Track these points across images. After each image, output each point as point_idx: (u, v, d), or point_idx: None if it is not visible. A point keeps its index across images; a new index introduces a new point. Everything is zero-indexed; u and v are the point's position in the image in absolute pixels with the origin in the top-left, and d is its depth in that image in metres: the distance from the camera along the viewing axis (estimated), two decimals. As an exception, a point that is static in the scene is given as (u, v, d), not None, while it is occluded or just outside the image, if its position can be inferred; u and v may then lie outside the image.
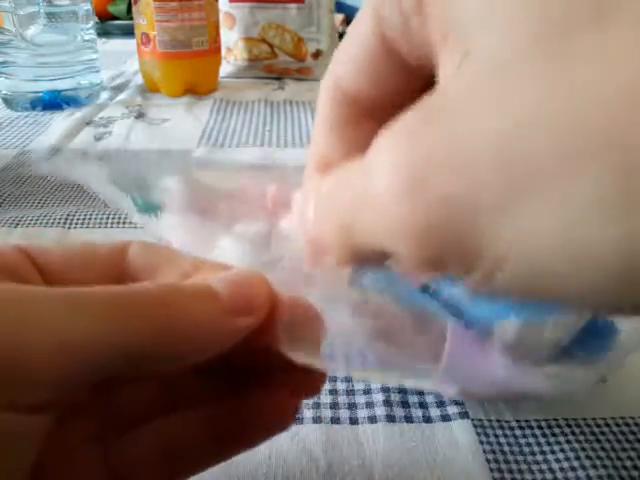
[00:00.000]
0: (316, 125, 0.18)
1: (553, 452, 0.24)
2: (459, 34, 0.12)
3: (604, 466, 0.23)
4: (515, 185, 0.10)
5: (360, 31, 0.15)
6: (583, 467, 0.23)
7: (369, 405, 0.26)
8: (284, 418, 0.18)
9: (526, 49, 0.10)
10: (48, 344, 0.12)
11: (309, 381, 0.19)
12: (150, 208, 0.18)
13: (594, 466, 0.23)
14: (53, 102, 0.67)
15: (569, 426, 0.25)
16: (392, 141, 0.12)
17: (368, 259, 0.14)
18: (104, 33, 1.07)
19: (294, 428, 0.25)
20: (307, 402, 0.27)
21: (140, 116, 0.67)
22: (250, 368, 0.18)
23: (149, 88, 0.76)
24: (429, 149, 0.11)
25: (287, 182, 0.21)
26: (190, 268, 0.17)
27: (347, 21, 1.09)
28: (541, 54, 0.10)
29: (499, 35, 0.10)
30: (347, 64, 0.16)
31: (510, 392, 0.25)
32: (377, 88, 0.16)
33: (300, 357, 0.16)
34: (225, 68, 0.84)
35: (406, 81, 0.15)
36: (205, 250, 0.18)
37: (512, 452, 0.24)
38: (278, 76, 0.85)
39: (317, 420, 0.26)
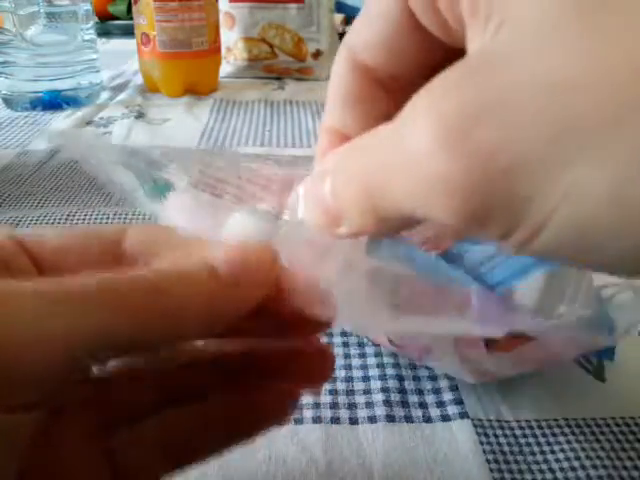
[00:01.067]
0: (329, 99, 0.17)
1: (553, 452, 0.24)
2: (493, 5, 0.11)
3: (604, 466, 0.23)
4: (566, 137, 0.10)
5: (382, 2, 0.15)
6: (583, 467, 0.23)
7: (369, 405, 0.26)
8: (282, 412, 0.18)
9: (562, 16, 0.10)
10: (29, 338, 0.12)
11: (318, 366, 0.18)
12: (157, 194, 0.18)
13: (594, 466, 0.23)
14: (53, 102, 0.67)
15: (569, 426, 0.25)
16: (431, 95, 0.11)
17: (393, 226, 0.14)
18: (104, 33, 1.07)
19: (294, 428, 0.25)
20: (307, 402, 0.27)
21: (140, 116, 0.67)
22: (252, 360, 0.18)
23: (149, 88, 0.76)
24: (473, 101, 0.11)
25: (296, 169, 0.21)
26: (191, 247, 0.17)
27: (347, 21, 1.09)
28: (577, 20, 0.10)
29: (536, 4, 0.10)
30: (366, 36, 0.16)
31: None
32: (397, 61, 0.15)
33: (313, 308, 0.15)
34: (225, 68, 0.84)
35: (427, 55, 0.15)
36: (214, 227, 0.17)
37: (512, 452, 0.24)
38: (278, 76, 0.85)
39: (317, 420, 0.26)
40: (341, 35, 0.88)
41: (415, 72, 0.15)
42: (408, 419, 0.26)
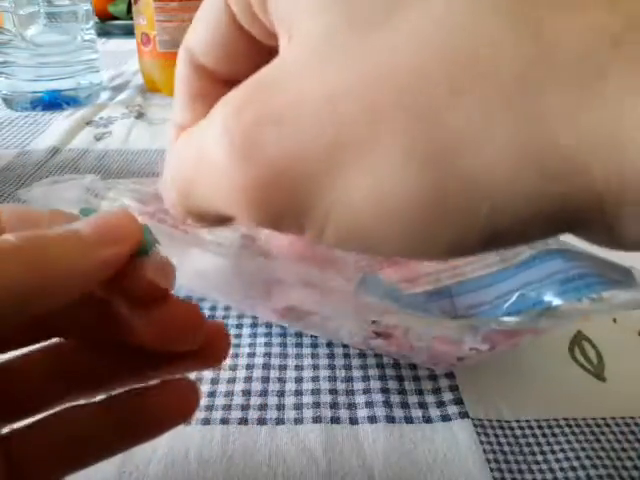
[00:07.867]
0: (175, 94, 0.18)
1: (553, 452, 0.24)
2: (284, 21, 0.12)
3: (604, 466, 0.23)
4: (332, 148, 0.11)
5: (213, 6, 0.15)
6: (583, 467, 0.23)
7: (369, 405, 0.26)
8: (187, 405, 0.18)
9: (335, 33, 0.11)
10: None
11: (211, 349, 0.18)
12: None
13: (594, 466, 0.23)
14: (53, 102, 0.67)
15: (569, 426, 0.25)
16: (224, 109, 0.12)
17: (209, 220, 0.15)
18: (104, 33, 1.07)
19: (294, 428, 0.25)
20: (307, 402, 0.27)
21: (140, 116, 0.67)
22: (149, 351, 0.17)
23: (149, 88, 0.76)
24: (259, 115, 0.12)
25: None
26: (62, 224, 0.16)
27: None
28: (347, 37, 0.11)
29: (312, 23, 0.12)
30: (202, 38, 0.16)
31: None
32: (233, 64, 0.16)
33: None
34: (225, 68, 0.84)
35: (259, 57, 0.15)
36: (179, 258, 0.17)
37: (512, 452, 0.24)
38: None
39: (317, 420, 0.26)
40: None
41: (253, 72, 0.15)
42: (408, 419, 0.26)
